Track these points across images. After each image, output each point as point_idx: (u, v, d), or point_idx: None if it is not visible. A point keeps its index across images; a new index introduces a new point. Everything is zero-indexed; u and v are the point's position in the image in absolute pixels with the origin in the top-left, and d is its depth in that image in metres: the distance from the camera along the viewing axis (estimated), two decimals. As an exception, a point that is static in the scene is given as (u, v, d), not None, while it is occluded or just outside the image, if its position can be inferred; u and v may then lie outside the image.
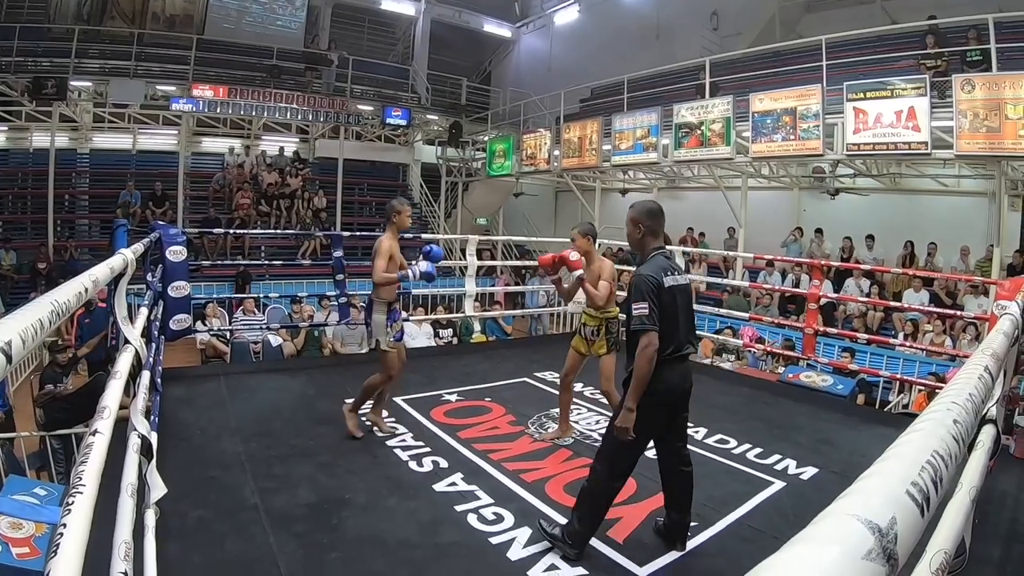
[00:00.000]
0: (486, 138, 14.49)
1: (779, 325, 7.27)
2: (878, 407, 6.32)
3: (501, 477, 3.22)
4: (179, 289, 4.76)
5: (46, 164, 11.17)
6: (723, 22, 12.97)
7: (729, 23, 12.83)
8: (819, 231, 10.02)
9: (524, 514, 2.82)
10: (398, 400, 4.35)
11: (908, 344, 6.86)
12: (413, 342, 7.41)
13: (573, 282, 3.72)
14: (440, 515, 2.81)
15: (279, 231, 12.16)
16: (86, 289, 1.68)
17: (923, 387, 5.69)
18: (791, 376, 5.44)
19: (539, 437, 3.82)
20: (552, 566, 2.43)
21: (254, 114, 12.64)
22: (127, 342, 2.40)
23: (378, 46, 16.93)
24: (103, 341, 5.52)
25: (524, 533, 2.64)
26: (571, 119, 12.05)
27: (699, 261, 10.77)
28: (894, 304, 6.80)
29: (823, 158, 8.46)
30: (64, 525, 0.95)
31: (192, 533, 2.55)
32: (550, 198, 16.59)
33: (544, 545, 2.55)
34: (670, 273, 2.49)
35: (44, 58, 10.99)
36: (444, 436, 3.77)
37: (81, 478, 1.11)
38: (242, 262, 10.49)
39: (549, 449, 3.65)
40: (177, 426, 3.67)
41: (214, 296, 8.35)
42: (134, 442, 1.95)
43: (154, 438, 2.41)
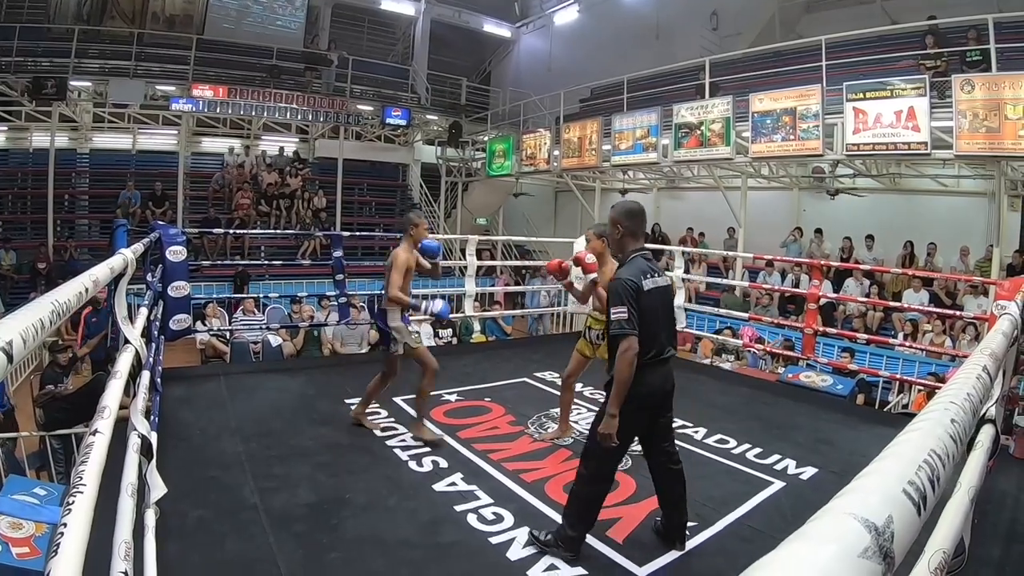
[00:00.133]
0: (486, 138, 14.48)
1: (779, 325, 7.27)
2: (878, 407, 6.33)
3: (501, 477, 3.23)
4: (179, 289, 4.77)
5: (46, 164, 11.17)
6: (723, 22, 12.98)
7: (729, 23, 12.82)
8: (819, 231, 10.02)
9: (524, 514, 2.82)
10: (398, 400, 4.35)
11: (908, 344, 6.87)
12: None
13: (587, 284, 3.69)
14: (440, 515, 2.81)
15: (279, 231, 12.16)
16: (86, 289, 1.68)
17: (923, 387, 5.70)
18: (791, 376, 5.44)
19: (539, 437, 3.82)
20: (552, 566, 2.43)
21: (254, 114, 12.65)
22: (127, 342, 2.41)
23: (378, 46, 16.92)
24: (103, 341, 5.53)
25: (524, 533, 2.65)
26: (571, 119, 12.05)
27: (699, 261, 10.78)
28: (894, 304, 6.80)
29: (823, 158, 8.46)
30: (64, 525, 0.95)
31: (192, 533, 2.55)
32: (550, 198, 16.59)
33: (544, 545, 2.56)
34: (650, 275, 2.48)
35: (44, 58, 10.98)
36: (444, 436, 3.77)
37: (81, 478, 1.11)
38: (241, 262, 10.49)
39: (549, 449, 3.66)
40: (177, 426, 3.67)
41: (214, 296, 8.35)
42: (134, 442, 1.95)
43: (154, 438, 2.41)
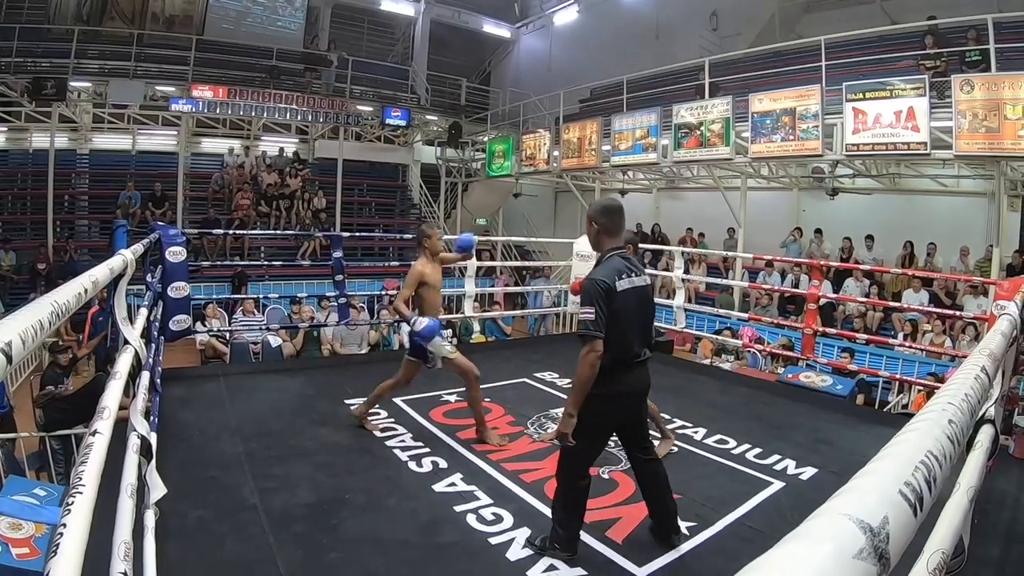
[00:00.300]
0: (485, 138, 14.49)
1: (778, 325, 7.27)
2: (877, 407, 6.33)
3: (500, 477, 3.22)
4: (179, 290, 4.78)
5: (46, 165, 11.17)
6: (722, 22, 12.99)
7: (728, 23, 12.84)
8: (818, 231, 10.02)
9: (523, 514, 2.82)
10: (397, 401, 4.35)
11: (907, 344, 6.87)
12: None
13: None
14: (439, 515, 2.81)
15: (279, 232, 12.16)
16: (85, 290, 1.68)
17: (922, 387, 5.70)
18: (790, 376, 5.44)
19: (538, 437, 3.82)
20: (551, 566, 2.43)
21: (253, 115, 12.66)
22: (126, 343, 2.41)
23: (377, 46, 16.93)
24: (104, 341, 5.53)
25: (523, 533, 2.65)
26: (570, 119, 12.06)
27: (699, 261, 10.79)
28: (893, 304, 6.80)
29: (822, 158, 8.46)
30: (64, 525, 0.95)
31: (192, 533, 2.55)
32: (549, 199, 16.60)
33: (543, 545, 2.56)
34: (626, 275, 2.44)
35: (44, 59, 10.99)
36: (443, 436, 3.77)
37: (81, 478, 1.11)
38: (240, 263, 10.48)
39: (548, 449, 3.65)
40: (177, 426, 3.67)
41: (213, 297, 8.36)
42: (133, 443, 1.96)
43: (154, 439, 2.41)
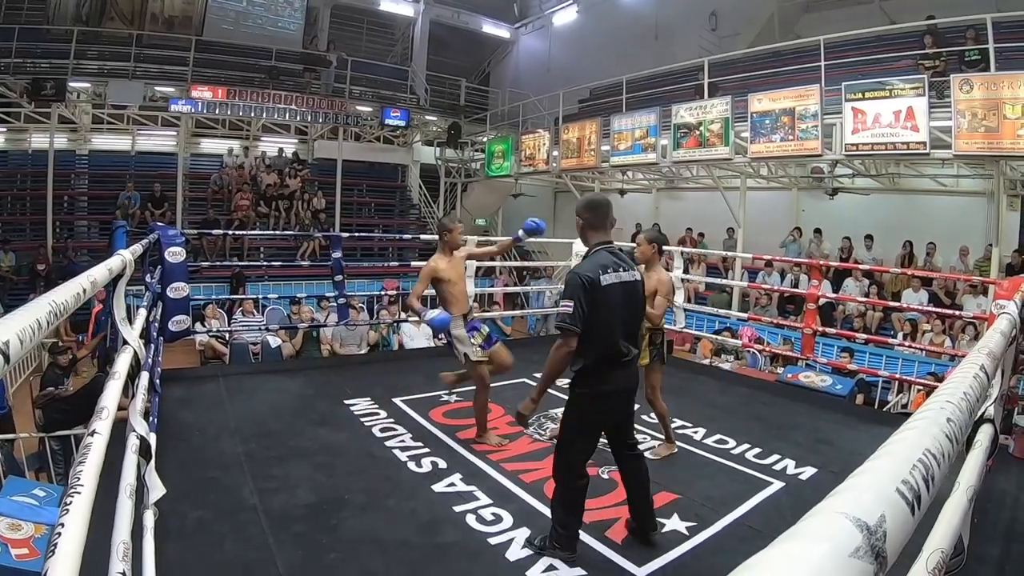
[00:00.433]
0: (485, 139, 14.49)
1: (778, 325, 7.27)
2: (877, 407, 6.34)
3: (500, 477, 3.23)
4: (178, 290, 4.77)
5: (45, 165, 11.17)
6: (722, 22, 12.99)
7: (728, 23, 12.84)
8: (818, 231, 10.02)
9: (523, 514, 2.82)
10: (397, 401, 4.36)
11: (907, 344, 6.87)
12: (412, 343, 7.41)
13: None
14: (439, 515, 2.81)
15: (278, 232, 12.16)
16: (84, 290, 1.68)
17: (922, 387, 5.70)
18: (790, 376, 5.44)
19: (538, 437, 3.82)
20: (550, 567, 2.43)
21: (253, 115, 12.66)
22: (125, 343, 2.41)
23: (377, 47, 16.93)
24: (103, 341, 5.52)
25: (523, 533, 2.65)
26: (570, 120, 12.06)
27: (698, 261, 10.79)
28: (893, 304, 6.81)
29: (822, 158, 8.46)
30: (62, 525, 0.95)
31: (191, 534, 2.55)
32: (549, 199, 16.59)
33: (542, 545, 2.56)
34: (612, 270, 2.43)
35: (43, 59, 10.98)
36: (443, 437, 3.78)
37: (79, 478, 1.11)
38: (238, 263, 10.46)
39: (548, 449, 3.64)
40: (176, 427, 3.67)
41: (213, 297, 8.35)
42: (133, 443, 1.96)
43: (153, 439, 2.41)
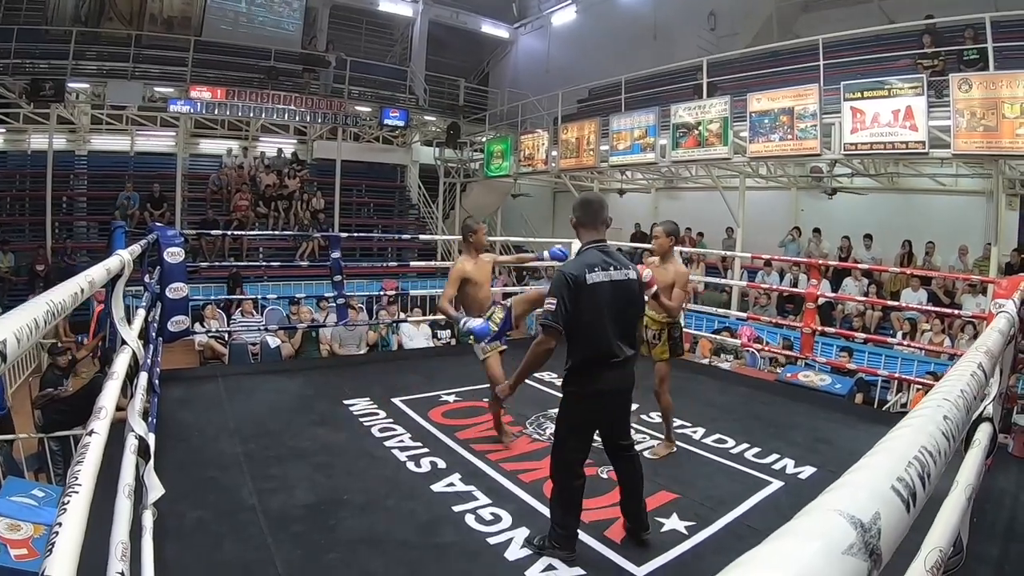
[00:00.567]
0: (484, 139, 14.48)
1: (777, 325, 7.27)
2: (876, 406, 6.34)
3: (499, 477, 3.23)
4: (177, 291, 4.77)
5: (44, 166, 11.14)
6: (720, 22, 12.99)
7: (726, 23, 12.84)
8: (817, 231, 10.02)
9: (522, 514, 2.82)
10: (396, 401, 4.36)
11: (906, 343, 6.87)
12: (411, 343, 7.42)
13: (650, 301, 3.58)
14: (438, 515, 2.81)
15: (277, 232, 12.15)
16: (82, 290, 1.68)
17: (921, 386, 5.70)
18: (789, 376, 5.45)
19: (537, 437, 3.82)
20: (549, 566, 2.43)
21: (252, 115, 12.65)
22: (124, 343, 2.40)
23: (376, 47, 16.91)
24: (103, 341, 5.52)
25: (522, 533, 2.65)
26: (569, 120, 12.06)
27: (697, 261, 10.78)
28: (892, 303, 6.82)
29: (820, 158, 8.47)
30: (59, 524, 0.95)
31: (190, 534, 2.55)
32: (548, 199, 16.59)
33: (542, 545, 2.56)
34: (600, 268, 2.41)
35: (42, 60, 10.97)
36: (442, 437, 3.77)
37: (77, 478, 1.11)
38: (235, 263, 10.43)
39: (547, 449, 3.62)
40: (175, 427, 3.67)
41: (212, 298, 8.35)
42: (131, 443, 1.96)
43: (152, 439, 2.41)
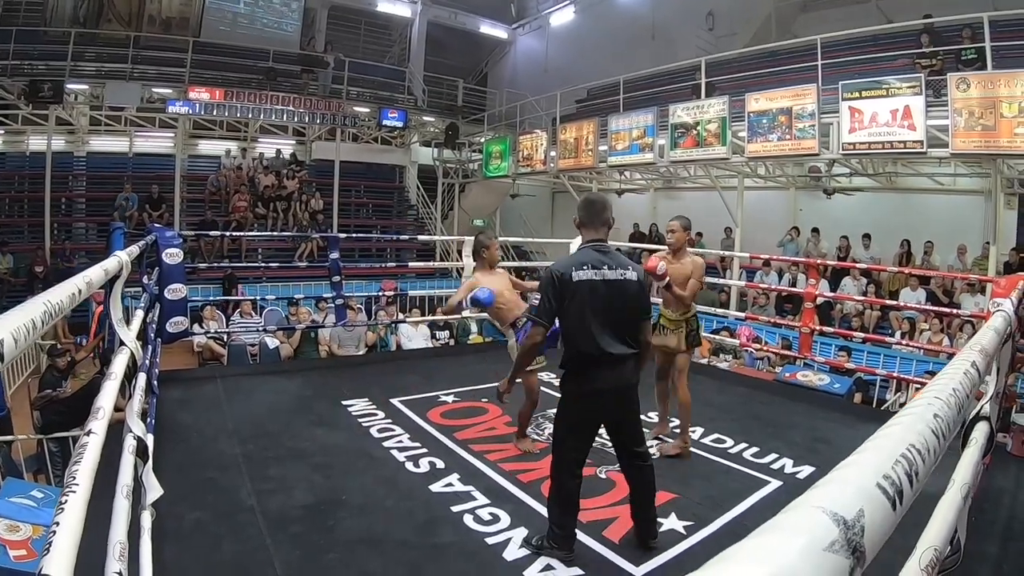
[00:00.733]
0: (482, 139, 14.49)
1: (776, 324, 7.28)
2: (875, 406, 6.34)
3: (497, 478, 3.23)
4: (175, 291, 4.77)
5: (43, 167, 11.15)
6: (718, 22, 13.00)
7: (724, 23, 12.85)
8: (815, 230, 10.03)
9: (520, 514, 2.82)
10: (394, 401, 4.36)
11: (905, 343, 6.88)
12: (410, 343, 7.42)
13: (664, 294, 3.60)
14: (436, 516, 2.81)
15: (276, 233, 12.15)
16: (80, 291, 1.68)
17: (920, 386, 5.70)
18: (788, 375, 5.45)
19: (536, 438, 3.82)
20: (548, 566, 2.43)
21: (250, 116, 12.66)
22: (122, 344, 2.41)
23: (374, 48, 16.93)
24: (102, 342, 5.52)
25: (520, 533, 2.65)
26: (567, 120, 12.06)
27: (696, 261, 10.77)
28: (891, 303, 6.82)
29: (819, 157, 8.47)
30: (57, 523, 0.95)
31: (189, 535, 2.55)
32: (547, 199, 16.60)
33: (540, 545, 2.56)
34: (592, 267, 2.41)
35: (40, 61, 10.96)
36: (441, 437, 3.78)
37: (75, 478, 1.11)
38: (230, 264, 10.43)
39: (546, 450, 3.65)
40: (174, 428, 3.67)
41: (211, 298, 8.35)
42: (130, 444, 1.96)
43: (150, 440, 2.41)
